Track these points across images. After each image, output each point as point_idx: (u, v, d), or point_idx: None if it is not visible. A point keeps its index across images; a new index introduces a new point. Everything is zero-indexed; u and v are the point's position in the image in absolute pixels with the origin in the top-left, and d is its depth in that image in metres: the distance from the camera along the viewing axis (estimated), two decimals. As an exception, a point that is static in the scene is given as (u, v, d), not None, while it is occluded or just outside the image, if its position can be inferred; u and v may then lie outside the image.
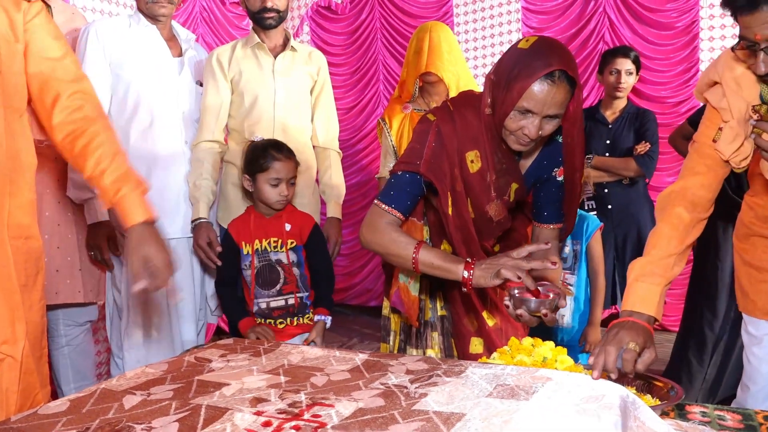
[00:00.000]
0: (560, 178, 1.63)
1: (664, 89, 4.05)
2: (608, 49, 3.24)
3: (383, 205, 1.53)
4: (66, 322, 2.26)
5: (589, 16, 4.23)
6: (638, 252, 2.96)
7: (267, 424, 0.89)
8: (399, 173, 1.54)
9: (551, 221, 1.67)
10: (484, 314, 1.72)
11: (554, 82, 1.36)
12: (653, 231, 1.48)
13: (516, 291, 1.44)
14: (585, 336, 2.38)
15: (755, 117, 1.36)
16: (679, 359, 2.81)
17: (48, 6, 1.71)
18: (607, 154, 3.01)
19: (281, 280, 2.09)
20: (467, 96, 1.63)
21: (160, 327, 2.26)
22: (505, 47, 4.52)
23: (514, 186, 1.62)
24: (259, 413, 0.93)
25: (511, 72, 1.39)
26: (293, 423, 0.89)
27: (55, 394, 2.28)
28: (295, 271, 2.10)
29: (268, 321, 2.08)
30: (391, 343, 1.92)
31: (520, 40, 1.45)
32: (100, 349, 2.70)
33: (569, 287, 2.31)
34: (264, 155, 2.06)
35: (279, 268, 2.09)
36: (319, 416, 0.91)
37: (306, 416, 0.92)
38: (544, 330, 2.29)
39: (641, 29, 4.09)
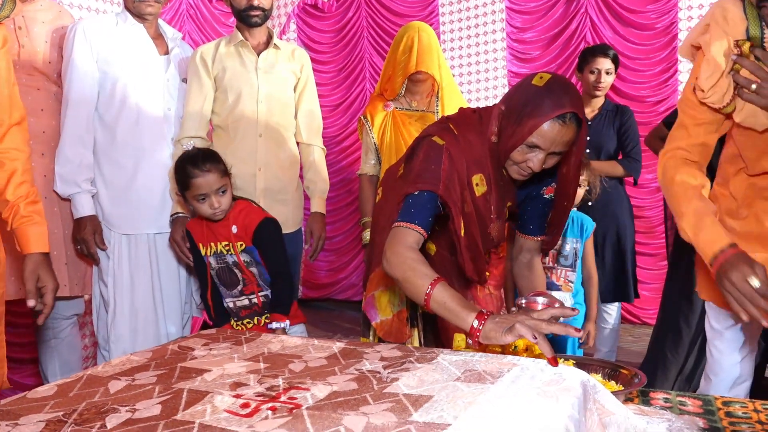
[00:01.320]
0: (547, 196, 1.71)
1: (643, 88, 4.13)
2: (587, 47, 3.28)
3: (405, 224, 1.48)
4: (53, 316, 2.28)
5: (571, 17, 4.31)
6: (617, 249, 3.05)
7: (245, 405, 0.94)
8: (416, 193, 1.51)
9: (536, 233, 1.76)
10: None
11: (565, 123, 1.41)
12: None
13: (523, 301, 1.52)
14: (585, 331, 2.45)
15: (735, 51, 1.42)
16: (655, 352, 2.86)
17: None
18: (587, 151, 3.07)
19: (240, 282, 2.08)
20: (466, 117, 1.65)
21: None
22: (489, 46, 4.60)
23: (509, 204, 1.69)
24: (238, 396, 0.99)
25: (524, 108, 1.44)
26: (270, 404, 0.94)
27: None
28: (253, 270, 2.07)
29: (237, 321, 2.10)
30: (371, 338, 1.97)
31: (534, 75, 1.49)
32: (86, 343, 2.73)
33: (569, 284, 2.38)
34: (183, 172, 1.98)
35: (236, 270, 2.07)
36: (295, 398, 0.97)
37: (282, 398, 0.97)
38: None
39: (622, 29, 4.17)
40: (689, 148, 1.60)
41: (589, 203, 3.05)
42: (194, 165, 1.96)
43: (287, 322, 2.01)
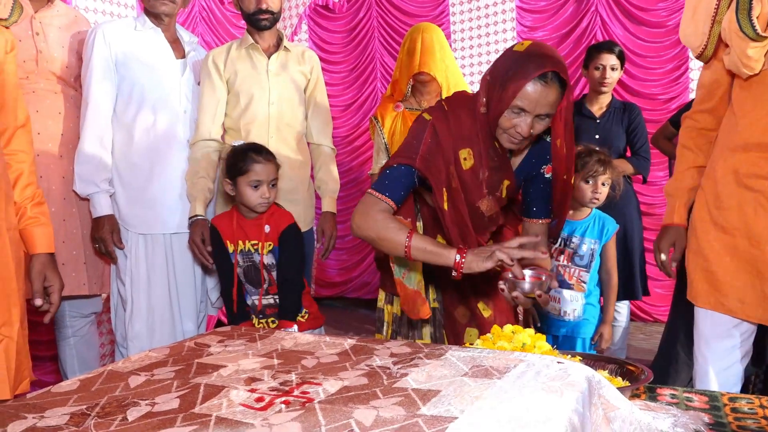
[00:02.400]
0: (548, 175, 1.70)
1: (654, 86, 4.13)
2: (592, 44, 3.29)
3: (377, 194, 1.57)
4: (71, 314, 2.35)
5: (581, 15, 4.31)
6: (624, 247, 3.05)
7: (260, 399, 0.98)
8: (394, 166, 1.58)
9: (539, 216, 1.74)
10: (480, 305, 1.78)
11: (547, 83, 1.45)
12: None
13: (510, 275, 1.52)
14: (598, 333, 2.47)
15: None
16: (667, 350, 2.85)
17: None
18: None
19: (266, 282, 2.13)
20: (461, 96, 1.70)
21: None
22: (500, 45, 4.61)
23: (506, 183, 1.69)
24: (252, 390, 1.02)
25: (507, 73, 1.48)
26: (283, 398, 0.98)
27: (61, 383, 2.37)
28: (275, 274, 2.13)
29: (261, 318, 2.14)
30: (384, 333, 2.01)
31: (516, 44, 1.54)
32: (103, 341, 2.79)
33: (582, 284, 2.39)
34: (243, 158, 2.09)
35: (263, 270, 2.12)
36: (308, 393, 1.00)
37: (295, 393, 1.00)
38: (552, 323, 2.38)
39: (632, 27, 4.18)
40: (697, 116, 1.77)
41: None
42: (258, 152, 2.10)
43: (295, 327, 2.09)
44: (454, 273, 1.50)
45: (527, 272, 1.52)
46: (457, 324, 1.83)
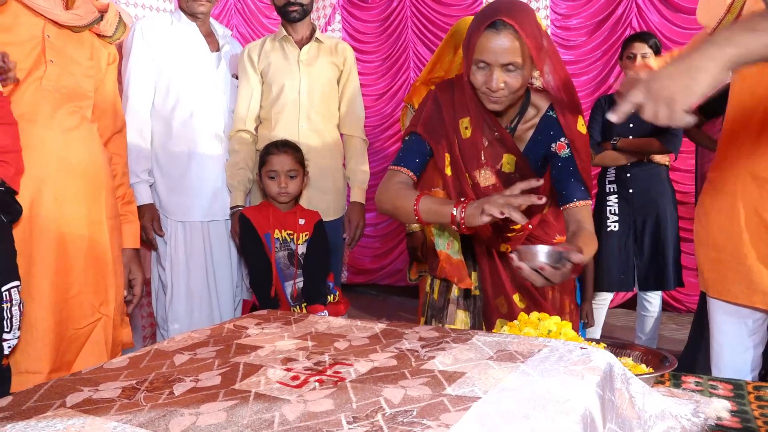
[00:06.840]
0: (562, 153, 1.61)
1: (691, 74, 4.07)
2: (630, 35, 3.28)
3: (394, 167, 1.63)
4: (116, 297, 2.46)
5: (617, 2, 4.27)
6: (657, 236, 3.04)
7: (295, 378, 1.04)
8: (405, 138, 1.67)
9: (572, 198, 1.58)
10: (516, 297, 1.77)
11: (497, 30, 1.43)
12: None
13: (522, 246, 1.40)
14: (584, 312, 2.53)
15: None
16: (697, 340, 2.85)
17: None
18: (630, 137, 3.06)
19: (299, 269, 2.24)
20: None
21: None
22: (533, 33, 4.59)
23: (509, 157, 1.65)
24: (288, 369, 1.09)
25: (468, 34, 1.52)
26: (317, 377, 1.04)
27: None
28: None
29: (296, 304, 2.22)
30: (423, 320, 2.02)
31: None
32: (144, 323, 2.90)
33: None
34: (265, 152, 2.26)
35: (297, 258, 2.23)
36: (340, 372, 1.06)
37: (328, 372, 1.07)
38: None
39: (668, 14, 4.11)
40: None
41: (630, 189, 3.05)
42: (275, 146, 2.26)
43: (325, 311, 2.17)
44: (453, 227, 1.45)
45: (539, 246, 1.36)
46: (495, 313, 1.80)
